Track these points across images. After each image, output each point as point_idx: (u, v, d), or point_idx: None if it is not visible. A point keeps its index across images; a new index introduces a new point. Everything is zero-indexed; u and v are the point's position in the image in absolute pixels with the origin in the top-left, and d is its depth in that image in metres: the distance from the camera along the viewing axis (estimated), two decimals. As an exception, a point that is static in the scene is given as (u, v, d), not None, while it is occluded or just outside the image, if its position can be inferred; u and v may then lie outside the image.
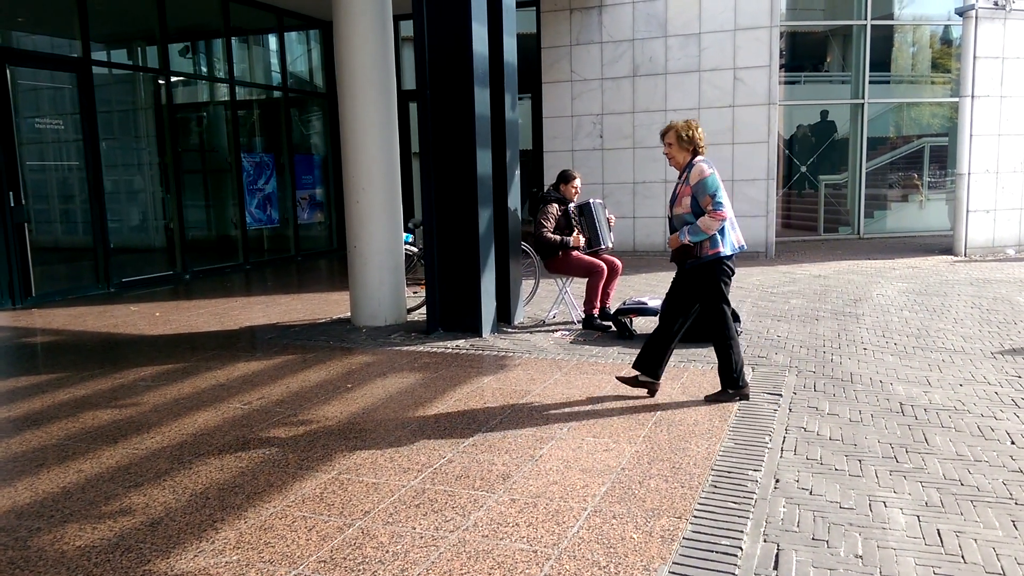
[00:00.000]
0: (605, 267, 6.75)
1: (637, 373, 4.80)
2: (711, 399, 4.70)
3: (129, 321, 7.73)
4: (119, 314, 8.17)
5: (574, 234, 6.84)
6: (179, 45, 11.23)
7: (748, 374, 5.05)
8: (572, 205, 6.94)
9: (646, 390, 4.79)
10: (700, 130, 4.67)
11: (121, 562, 2.90)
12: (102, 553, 2.97)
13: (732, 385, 4.68)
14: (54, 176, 9.61)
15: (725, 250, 4.55)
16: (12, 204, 8.52)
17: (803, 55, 15.05)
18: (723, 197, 4.49)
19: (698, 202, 4.52)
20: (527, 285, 7.68)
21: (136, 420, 4.62)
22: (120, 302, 8.95)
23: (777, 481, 3.51)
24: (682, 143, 4.64)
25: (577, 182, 6.95)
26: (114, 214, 9.96)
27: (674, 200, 4.67)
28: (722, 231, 4.54)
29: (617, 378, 4.94)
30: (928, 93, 14.97)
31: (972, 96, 10.86)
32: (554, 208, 6.85)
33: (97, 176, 9.49)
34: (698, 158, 4.64)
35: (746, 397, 4.69)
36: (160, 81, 10.62)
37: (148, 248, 10.88)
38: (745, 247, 4.73)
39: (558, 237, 6.77)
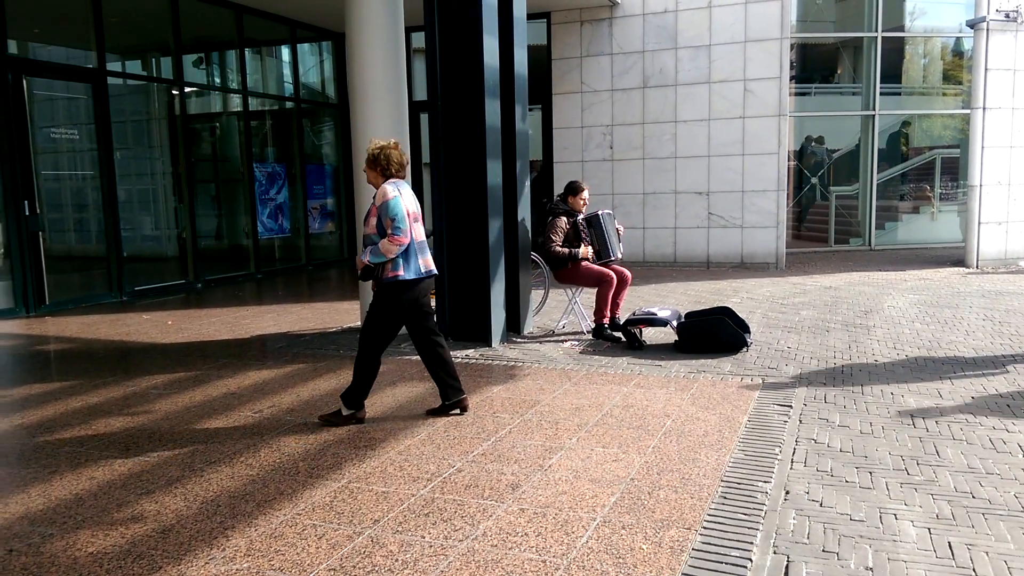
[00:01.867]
0: (615, 277, 6.76)
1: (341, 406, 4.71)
2: (325, 420, 4.63)
3: (141, 329, 7.78)
4: (131, 322, 8.23)
5: (582, 246, 6.84)
6: (193, 56, 11.34)
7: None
8: (580, 217, 6.94)
9: (354, 423, 4.69)
10: (394, 152, 4.54)
11: (133, 569, 2.92)
12: (114, 560, 2.99)
13: (352, 405, 4.61)
14: (68, 185, 9.70)
15: (407, 275, 4.47)
16: (27, 213, 8.60)
17: (814, 67, 15.05)
18: (404, 222, 4.38)
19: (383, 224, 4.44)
20: (537, 295, 7.69)
21: (148, 428, 4.65)
22: (132, 310, 9.01)
23: (787, 493, 3.50)
24: (370, 164, 4.57)
25: (585, 194, 6.96)
26: (127, 223, 10.04)
27: (366, 219, 4.58)
28: (406, 255, 4.47)
29: (320, 417, 4.72)
30: (939, 105, 14.95)
31: (984, 108, 10.84)
32: (562, 222, 6.87)
33: (111, 185, 9.58)
34: (390, 181, 4.52)
35: (360, 421, 4.63)
36: (174, 92, 10.72)
37: (160, 257, 10.96)
38: (435, 272, 4.61)
39: (567, 250, 6.78)
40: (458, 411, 4.74)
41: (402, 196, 4.46)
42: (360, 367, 4.59)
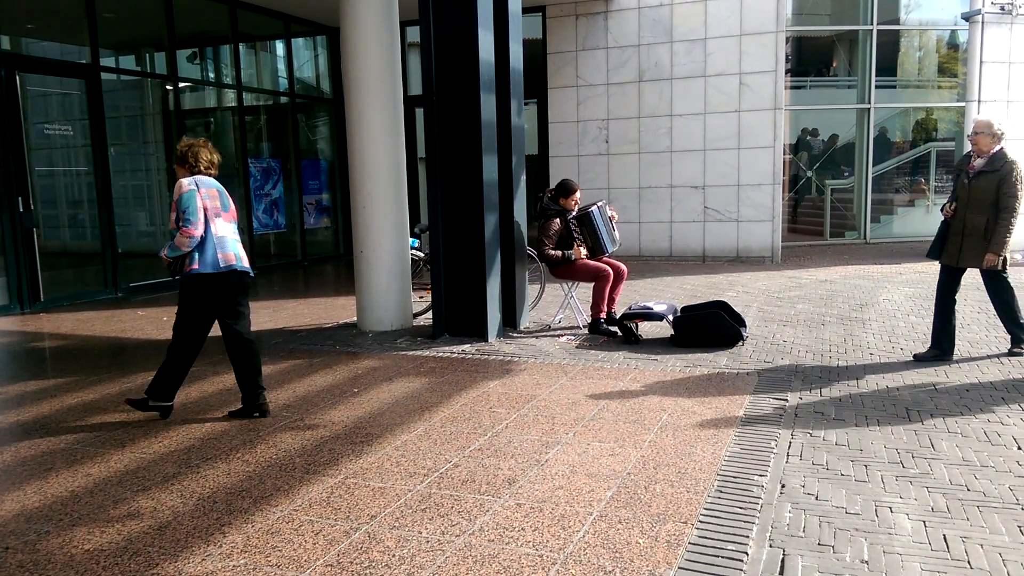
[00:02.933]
0: (611, 271, 6.76)
1: (145, 397, 4.73)
2: (131, 402, 4.69)
3: (137, 326, 7.77)
4: (127, 319, 8.21)
5: (575, 247, 6.83)
6: (187, 51, 11.30)
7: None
8: (571, 216, 6.93)
9: (158, 413, 4.73)
10: (203, 150, 4.60)
11: (129, 566, 2.92)
12: (110, 556, 2.99)
13: (159, 397, 4.63)
14: (63, 181, 9.67)
15: (202, 268, 4.49)
16: (21, 209, 8.58)
17: (809, 60, 15.05)
18: (195, 215, 4.40)
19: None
20: (533, 290, 7.69)
21: (144, 424, 4.65)
22: (128, 307, 8.99)
23: (783, 486, 3.51)
24: (179, 161, 4.62)
25: (577, 195, 6.95)
26: (122, 219, 10.01)
27: (171, 216, 4.61)
28: (202, 249, 4.48)
29: (127, 401, 4.77)
30: (934, 98, 14.96)
31: (979, 101, 10.86)
32: (555, 223, 6.86)
33: (105, 181, 9.55)
34: (192, 177, 4.56)
35: (165, 414, 4.68)
36: (168, 87, 10.69)
37: (155, 253, 10.92)
38: (235, 267, 4.57)
39: (560, 253, 6.78)
40: (259, 414, 4.73)
41: (199, 191, 4.49)
42: (170, 359, 4.62)
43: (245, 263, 4.69)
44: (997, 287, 5.68)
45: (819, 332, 6.72)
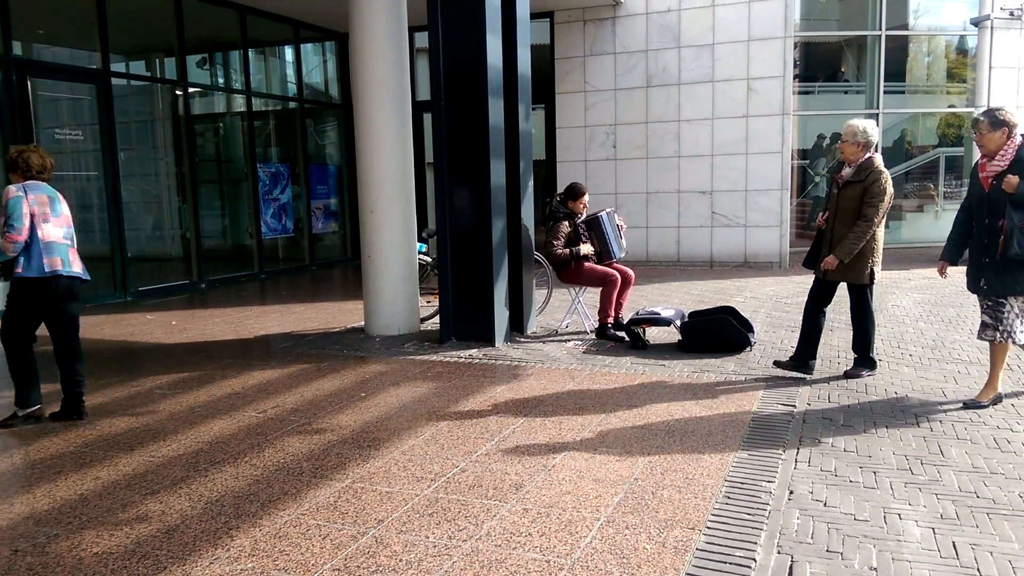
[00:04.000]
0: (618, 276, 6.75)
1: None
2: (2, 423, 4.77)
3: (145, 330, 7.80)
4: (136, 322, 8.24)
5: (582, 245, 6.83)
6: (197, 57, 11.36)
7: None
8: (581, 220, 6.94)
9: (34, 422, 4.80)
10: (33, 155, 4.71)
11: (138, 569, 2.93)
12: (119, 560, 3.00)
13: (22, 404, 4.77)
14: (73, 186, 9.72)
15: (27, 273, 4.58)
16: (32, 213, 8.62)
17: (817, 65, 15.00)
18: (19, 220, 4.51)
19: None
20: (540, 295, 7.69)
21: (152, 428, 4.66)
22: (137, 310, 9.03)
23: (791, 492, 3.50)
24: (11, 168, 4.71)
25: (586, 198, 6.97)
26: (131, 223, 10.05)
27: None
28: (28, 254, 4.58)
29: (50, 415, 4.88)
30: (943, 103, 14.91)
31: (987, 106, 10.81)
32: (563, 225, 6.87)
33: (115, 186, 9.60)
34: (22, 183, 4.66)
35: (38, 419, 4.77)
36: (178, 92, 10.74)
37: (165, 257, 10.98)
38: (62, 273, 4.67)
39: (568, 251, 6.79)
40: (76, 417, 4.84)
41: (27, 197, 4.59)
42: (10, 366, 4.75)
43: (74, 268, 4.81)
44: (859, 305, 5.36)
45: (827, 338, 6.68)
